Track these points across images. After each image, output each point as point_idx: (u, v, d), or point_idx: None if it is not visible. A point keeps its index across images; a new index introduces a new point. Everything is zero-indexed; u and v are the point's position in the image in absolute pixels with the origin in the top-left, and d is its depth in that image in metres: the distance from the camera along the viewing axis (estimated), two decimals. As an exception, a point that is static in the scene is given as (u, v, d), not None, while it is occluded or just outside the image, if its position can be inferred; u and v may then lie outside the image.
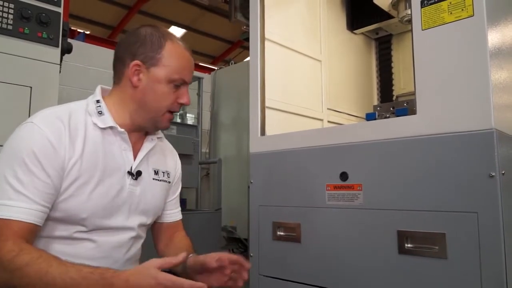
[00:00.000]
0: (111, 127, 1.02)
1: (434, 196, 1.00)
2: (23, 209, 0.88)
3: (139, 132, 1.09)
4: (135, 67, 1.02)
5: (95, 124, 1.00)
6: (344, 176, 1.18)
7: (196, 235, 1.24)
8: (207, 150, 3.76)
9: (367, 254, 1.11)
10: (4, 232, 0.86)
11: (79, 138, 0.96)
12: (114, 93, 1.07)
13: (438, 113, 1.02)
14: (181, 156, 2.50)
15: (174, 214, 1.24)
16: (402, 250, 1.04)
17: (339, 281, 1.17)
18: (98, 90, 1.07)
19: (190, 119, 3.43)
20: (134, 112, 1.04)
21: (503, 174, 0.93)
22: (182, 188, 1.29)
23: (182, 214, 1.29)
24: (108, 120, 1.01)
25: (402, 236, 1.04)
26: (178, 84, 1.05)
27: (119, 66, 1.06)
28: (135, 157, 1.06)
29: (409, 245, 1.03)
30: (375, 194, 1.11)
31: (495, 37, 1.01)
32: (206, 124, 3.72)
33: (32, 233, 0.90)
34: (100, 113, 1.01)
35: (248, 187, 1.46)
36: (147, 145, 1.10)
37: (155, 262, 0.85)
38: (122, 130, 1.03)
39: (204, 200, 3.59)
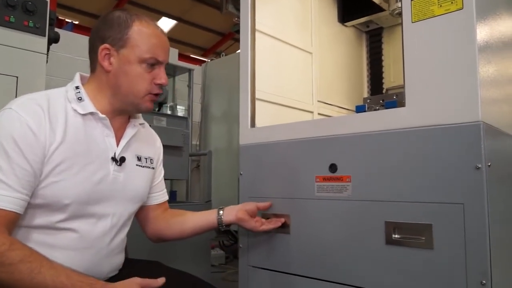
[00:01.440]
0: (91, 113, 1.01)
1: (421, 188, 1.01)
2: (4, 197, 0.87)
3: (122, 116, 1.08)
4: (104, 51, 1.01)
5: (75, 111, 0.99)
6: (333, 167, 1.18)
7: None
8: (198, 143, 3.76)
9: (355, 244, 1.12)
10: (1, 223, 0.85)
11: (59, 124, 0.95)
12: (91, 81, 1.06)
13: (427, 105, 1.02)
14: (171, 148, 2.51)
15: (161, 195, 1.25)
16: (389, 241, 1.05)
17: (327, 271, 1.18)
18: (77, 77, 1.06)
19: (180, 111, 3.41)
20: (112, 97, 1.03)
21: (489, 166, 0.94)
22: (172, 180, 1.31)
23: (173, 206, 1.31)
24: (88, 106, 1.00)
25: (390, 227, 1.05)
26: (152, 64, 1.03)
27: (91, 53, 1.05)
28: (117, 143, 1.06)
29: (396, 236, 1.04)
30: (364, 185, 1.12)
31: (483, 30, 1.02)
32: (196, 116, 3.70)
33: (13, 223, 0.89)
34: (80, 99, 1.00)
35: (238, 179, 1.46)
36: (129, 131, 1.09)
37: (137, 279, 0.91)
38: (103, 116, 1.02)
39: (194, 192, 3.59)
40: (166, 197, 1.28)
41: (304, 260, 1.23)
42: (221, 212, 1.24)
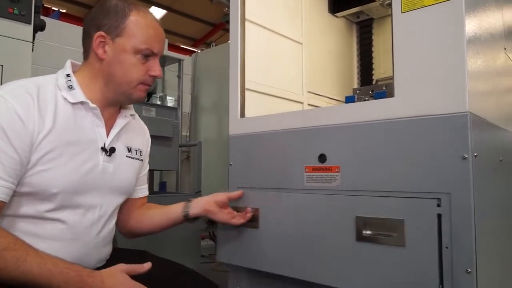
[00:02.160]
0: (82, 102, 0.99)
1: (408, 178, 1.02)
2: None
3: (113, 107, 1.06)
4: (99, 39, 0.99)
5: (65, 99, 0.97)
6: (322, 158, 1.19)
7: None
8: (188, 134, 3.74)
9: (325, 240, 1.09)
10: None
11: (49, 112, 0.93)
12: (83, 68, 1.04)
13: (415, 96, 1.03)
14: (161, 138, 2.49)
15: (143, 189, 1.24)
16: (360, 237, 1.02)
17: (296, 269, 1.14)
18: (68, 64, 1.04)
19: (170, 101, 3.39)
20: (104, 86, 1.02)
21: (475, 156, 0.95)
22: (162, 171, 1.31)
23: (163, 197, 1.31)
24: (78, 95, 0.99)
25: (360, 223, 1.03)
26: (147, 55, 1.02)
27: (85, 40, 1.03)
28: (108, 133, 1.05)
29: (367, 232, 1.02)
30: (353, 175, 1.13)
31: (472, 21, 1.02)
32: (186, 107, 3.68)
33: None
34: (70, 87, 0.98)
35: (228, 169, 1.46)
36: (120, 122, 1.08)
37: (122, 266, 0.92)
38: (94, 105, 1.00)
39: (184, 183, 3.58)
40: (147, 193, 1.26)
41: (273, 256, 1.19)
42: (189, 204, 1.21)
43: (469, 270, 0.93)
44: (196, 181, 2.99)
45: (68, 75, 1.00)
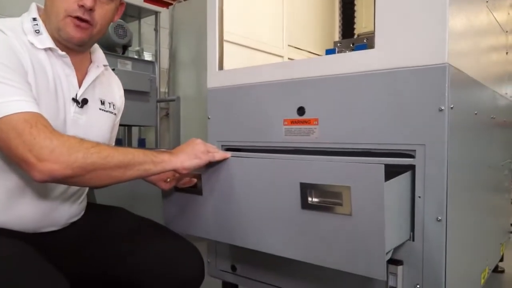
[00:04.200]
0: (50, 49, 0.93)
1: (384, 130, 1.03)
2: (31, 103, 0.83)
3: (76, 54, 0.99)
4: None
5: (32, 44, 0.91)
6: (301, 110, 1.18)
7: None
8: (166, 90, 3.65)
9: (270, 208, 1.00)
10: (46, 124, 0.82)
11: (25, 56, 0.88)
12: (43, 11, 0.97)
13: (396, 47, 1.02)
14: (137, 93, 2.43)
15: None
16: (305, 205, 0.93)
17: (240, 236, 1.07)
18: (33, 6, 0.96)
19: (147, 56, 3.28)
20: (47, 24, 0.94)
21: (451, 108, 0.96)
22: (140, 127, 1.26)
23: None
24: (46, 40, 0.92)
25: (305, 190, 0.92)
26: None
27: None
28: (80, 84, 1.00)
29: (313, 200, 0.93)
30: (331, 128, 1.13)
31: (456, -30, 0.99)
32: (164, 63, 3.57)
33: None
34: (37, 32, 0.92)
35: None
36: (93, 72, 1.03)
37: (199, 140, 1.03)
38: (63, 53, 0.94)
39: (164, 141, 3.54)
40: None
41: (217, 224, 1.12)
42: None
43: (440, 218, 0.96)
44: (174, 138, 2.96)
45: (34, 19, 0.93)
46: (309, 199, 0.92)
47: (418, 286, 1.00)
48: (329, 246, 0.91)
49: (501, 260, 1.84)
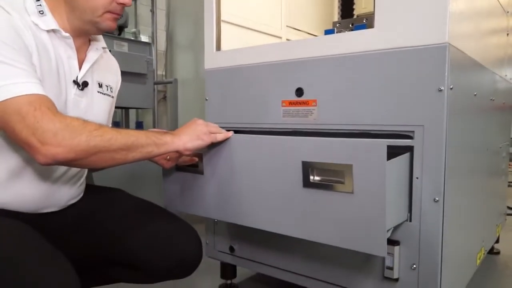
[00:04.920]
0: (54, 31, 0.92)
1: (384, 111, 1.02)
2: (37, 85, 0.82)
3: (82, 38, 0.99)
4: None
5: (36, 25, 0.89)
6: (299, 92, 1.17)
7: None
8: (164, 73, 3.62)
9: (272, 186, 1.00)
10: (50, 106, 0.81)
11: (29, 37, 0.87)
12: None
13: (396, 26, 1.00)
14: (134, 75, 2.40)
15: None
16: (306, 184, 0.93)
17: (242, 215, 1.07)
18: None
19: (144, 39, 3.23)
20: (69, 14, 0.94)
21: (451, 88, 0.95)
22: (138, 110, 1.25)
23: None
24: (50, 22, 0.91)
25: (307, 168, 0.93)
26: None
27: None
28: (80, 66, 0.99)
29: (315, 178, 0.93)
30: (329, 109, 1.12)
31: None
32: (161, 45, 3.53)
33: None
34: (41, 12, 0.90)
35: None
36: (93, 55, 1.02)
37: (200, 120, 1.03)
38: (67, 34, 0.93)
39: (162, 124, 3.53)
40: None
41: (218, 203, 1.12)
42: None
43: (437, 199, 0.96)
44: (172, 120, 2.94)
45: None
46: (311, 177, 0.92)
47: (414, 266, 1.01)
48: (331, 224, 0.91)
49: (497, 241, 1.86)
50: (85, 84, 0.99)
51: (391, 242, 1.02)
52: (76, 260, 0.78)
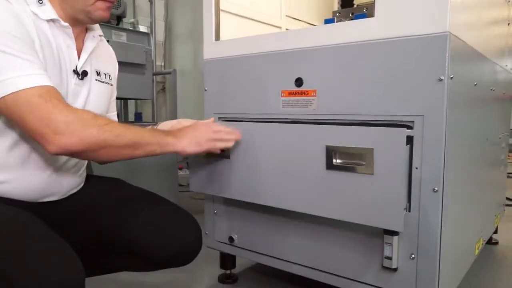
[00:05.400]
0: (53, 20, 0.92)
1: (383, 101, 1.01)
2: (43, 76, 0.83)
3: (77, 26, 0.99)
4: None
5: (35, 15, 0.89)
6: (299, 81, 1.16)
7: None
8: (162, 63, 3.60)
9: (295, 169, 1.09)
10: (59, 97, 0.83)
11: (30, 25, 0.86)
12: None
13: (396, 16, 0.99)
14: (133, 65, 2.39)
15: (112, 116, 1.21)
16: (330, 166, 1.03)
17: (267, 196, 1.16)
18: None
19: (142, 29, 3.21)
20: (62, 3, 0.94)
21: (451, 78, 0.94)
22: (137, 101, 1.25)
23: (140, 126, 1.26)
24: (49, 11, 0.91)
25: (330, 152, 1.02)
26: None
27: None
28: (78, 55, 0.99)
29: (337, 161, 1.02)
30: (329, 100, 1.11)
31: None
32: (160, 36, 3.51)
33: None
34: (40, 2, 0.90)
35: (203, 96, 1.42)
36: (90, 44, 1.02)
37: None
38: (66, 24, 0.93)
39: (161, 114, 3.53)
40: (116, 120, 1.23)
41: (244, 185, 1.20)
42: (154, 127, 1.19)
43: (436, 189, 0.96)
44: (171, 111, 2.94)
45: None
46: (334, 160, 1.02)
47: (413, 255, 1.01)
48: (351, 203, 1.00)
49: (495, 232, 1.87)
50: (84, 73, 0.99)
51: (390, 232, 1.02)
52: (76, 249, 0.79)
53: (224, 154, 1.21)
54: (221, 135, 1.08)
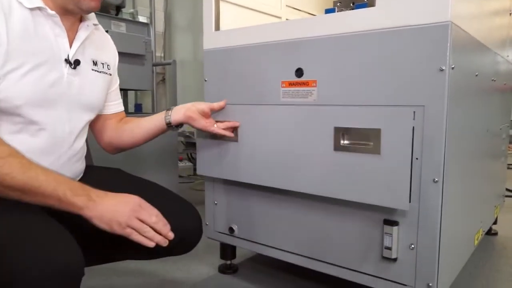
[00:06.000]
0: (39, 8, 0.90)
1: (384, 90, 1.01)
2: None
3: (70, 16, 0.97)
4: None
5: (20, 3, 0.88)
6: (299, 72, 1.15)
7: (154, 140, 1.23)
8: (162, 55, 3.58)
9: (303, 151, 1.12)
10: None
11: (0, 17, 0.85)
12: None
13: (397, 5, 0.98)
14: (132, 56, 2.37)
15: (116, 105, 1.20)
16: (337, 147, 1.06)
17: (275, 178, 1.19)
18: None
19: (142, 20, 3.19)
20: None
21: (452, 68, 0.94)
22: (136, 92, 1.25)
23: (140, 116, 1.26)
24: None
25: (338, 133, 1.05)
26: None
27: None
28: (70, 45, 0.98)
29: (345, 142, 1.05)
30: (329, 90, 1.11)
31: None
32: (160, 26, 3.48)
33: None
34: None
35: (203, 87, 1.42)
36: (82, 33, 1.01)
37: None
38: (53, 12, 0.92)
39: (161, 105, 3.51)
40: (122, 108, 1.23)
41: (253, 168, 1.23)
42: (169, 112, 1.20)
43: (436, 179, 0.96)
44: (171, 102, 2.93)
45: None
46: (341, 141, 1.04)
47: (412, 246, 1.01)
48: (359, 183, 1.02)
49: (495, 223, 1.87)
50: (77, 63, 0.98)
51: (390, 222, 1.02)
52: (76, 238, 0.79)
53: (232, 137, 1.25)
54: (143, 228, 0.89)
